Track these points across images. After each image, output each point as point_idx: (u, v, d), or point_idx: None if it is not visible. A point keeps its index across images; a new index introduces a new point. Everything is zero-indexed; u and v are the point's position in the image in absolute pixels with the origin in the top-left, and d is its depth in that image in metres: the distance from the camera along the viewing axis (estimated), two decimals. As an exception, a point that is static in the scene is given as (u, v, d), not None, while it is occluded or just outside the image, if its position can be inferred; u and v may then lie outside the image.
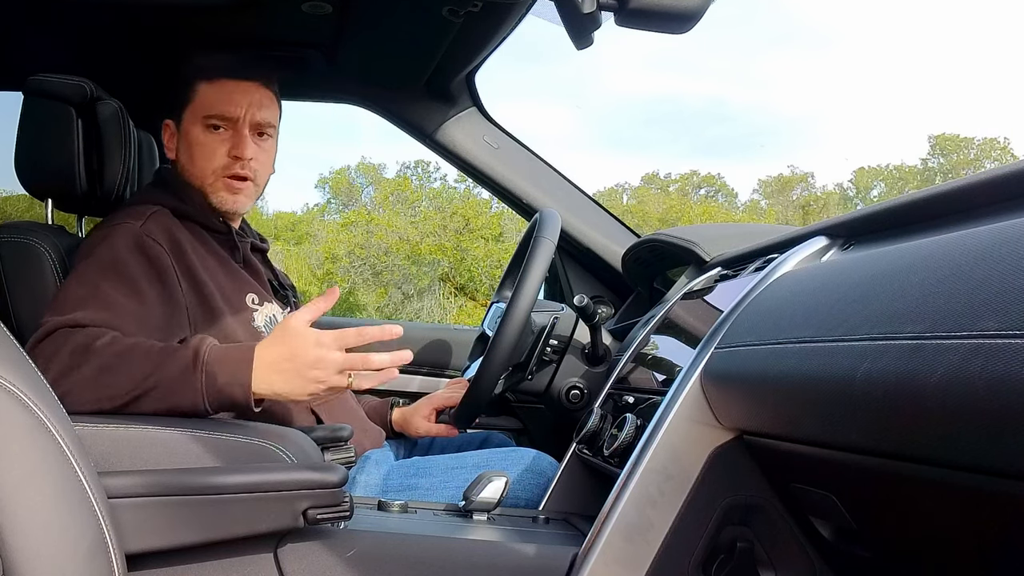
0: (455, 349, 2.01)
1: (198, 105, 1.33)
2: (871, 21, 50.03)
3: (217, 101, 1.32)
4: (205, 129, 1.33)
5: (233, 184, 1.34)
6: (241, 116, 1.33)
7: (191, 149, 1.34)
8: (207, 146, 1.33)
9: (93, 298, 1.13)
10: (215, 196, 1.34)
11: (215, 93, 1.33)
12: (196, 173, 1.34)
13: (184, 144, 1.35)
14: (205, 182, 1.34)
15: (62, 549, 0.75)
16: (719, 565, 0.97)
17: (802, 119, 48.65)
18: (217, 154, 1.33)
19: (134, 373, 1.05)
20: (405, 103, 1.92)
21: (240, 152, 1.32)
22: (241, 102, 1.33)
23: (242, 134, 1.33)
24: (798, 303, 0.84)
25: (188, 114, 1.34)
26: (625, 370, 1.38)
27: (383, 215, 18.43)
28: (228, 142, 1.33)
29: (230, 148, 1.33)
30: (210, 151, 1.33)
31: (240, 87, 1.34)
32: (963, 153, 24.71)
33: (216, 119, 1.32)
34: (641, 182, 26.26)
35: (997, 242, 0.59)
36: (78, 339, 1.07)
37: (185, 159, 1.35)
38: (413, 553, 1.01)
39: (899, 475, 0.68)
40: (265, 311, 1.35)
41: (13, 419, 0.74)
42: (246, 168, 1.34)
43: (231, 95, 1.33)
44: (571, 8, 0.80)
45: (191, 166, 1.34)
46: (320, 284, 16.66)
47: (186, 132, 1.34)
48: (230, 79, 1.34)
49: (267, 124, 1.36)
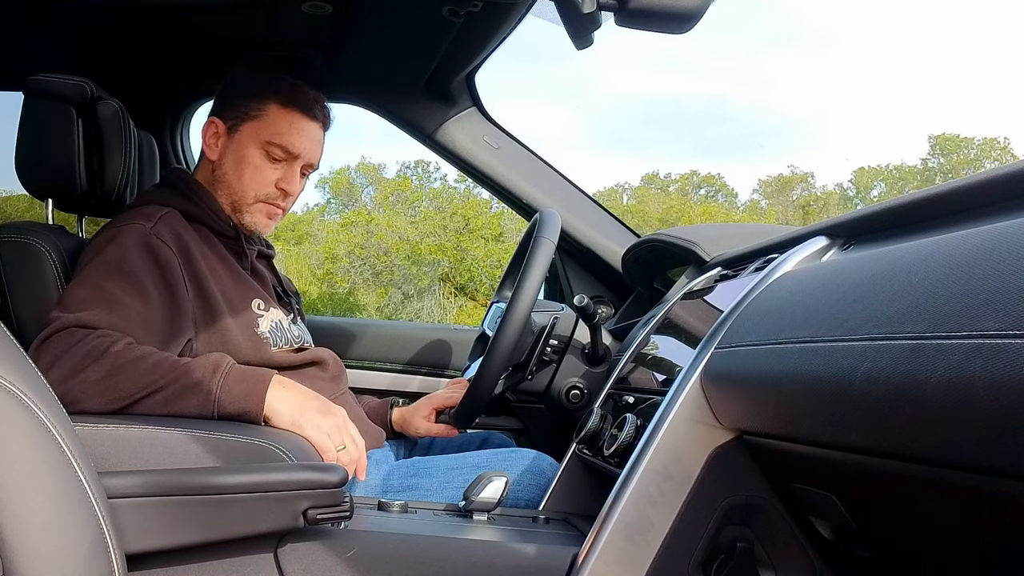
0: (455, 349, 2.01)
1: (264, 126, 1.34)
2: (871, 21, 50.04)
3: (286, 132, 1.34)
4: (264, 153, 1.34)
5: (272, 210, 1.37)
6: (303, 154, 1.36)
7: (242, 165, 1.35)
8: (260, 170, 1.35)
9: (101, 299, 1.14)
10: (250, 216, 1.36)
11: (286, 123, 1.34)
12: (239, 188, 1.35)
13: (235, 155, 1.35)
14: (244, 200, 1.35)
15: (62, 549, 0.75)
16: (719, 565, 0.97)
17: (803, 119, 48.68)
18: (267, 181, 1.35)
19: (145, 379, 1.06)
20: (405, 103, 1.92)
21: (290, 188, 1.36)
22: (306, 141, 1.36)
23: (295, 170, 1.37)
24: (798, 303, 0.84)
25: (250, 128, 1.35)
26: (625, 370, 1.38)
27: (383, 215, 18.43)
28: (280, 172, 1.35)
29: (279, 180, 1.35)
30: (261, 176, 1.35)
31: (308, 126, 1.36)
32: (963, 153, 24.71)
33: (280, 150, 1.34)
34: (641, 182, 26.26)
35: (997, 242, 0.59)
36: (91, 341, 1.07)
37: (231, 171, 1.35)
38: (413, 553, 1.01)
39: (899, 475, 0.68)
40: (270, 317, 1.35)
41: (13, 419, 0.74)
42: (286, 201, 1.38)
43: (300, 131, 1.35)
44: (571, 8, 0.80)
45: (236, 180, 1.35)
46: (320, 284, 16.66)
47: (241, 144, 1.35)
48: (304, 114, 1.35)
49: (314, 166, 1.40)
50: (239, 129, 1.35)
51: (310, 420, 1.10)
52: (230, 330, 1.26)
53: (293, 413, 1.10)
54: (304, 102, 1.36)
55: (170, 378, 1.07)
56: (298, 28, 1.63)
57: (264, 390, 1.09)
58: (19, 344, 0.81)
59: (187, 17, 1.60)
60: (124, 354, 1.07)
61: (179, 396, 1.07)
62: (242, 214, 1.36)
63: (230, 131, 1.36)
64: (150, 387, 1.06)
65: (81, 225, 1.50)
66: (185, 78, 1.95)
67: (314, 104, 1.37)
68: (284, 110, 1.34)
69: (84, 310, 1.11)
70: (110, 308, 1.13)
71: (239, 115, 1.35)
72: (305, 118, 1.36)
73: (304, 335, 1.47)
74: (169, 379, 1.07)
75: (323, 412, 1.12)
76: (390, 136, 29.91)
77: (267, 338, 1.32)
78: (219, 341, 1.24)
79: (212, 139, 1.37)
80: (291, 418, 1.10)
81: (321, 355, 1.41)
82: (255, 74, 1.39)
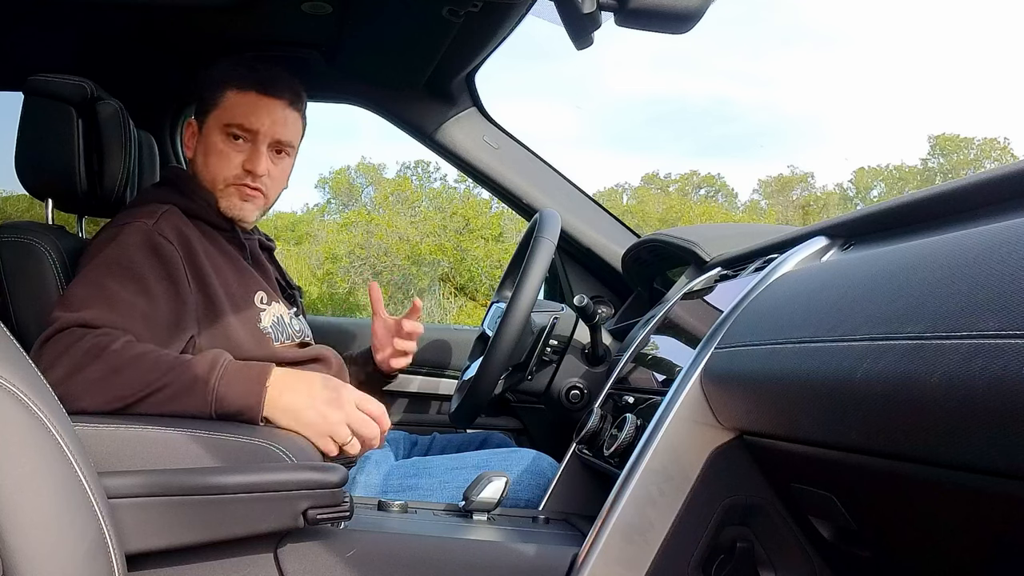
0: (455, 349, 2.01)
1: (223, 112, 1.34)
2: (871, 21, 50.03)
3: (241, 112, 1.34)
4: (225, 137, 1.34)
5: (244, 191, 1.36)
6: (262, 131, 1.34)
7: (208, 153, 1.35)
8: (223, 153, 1.34)
9: (103, 297, 1.14)
10: (224, 200, 1.36)
11: (241, 104, 1.34)
12: (208, 177, 1.35)
13: (202, 147, 1.36)
14: (216, 187, 1.35)
15: (62, 549, 0.75)
16: (719, 565, 0.97)
17: (804, 119, 48.64)
18: (232, 163, 1.34)
19: (145, 377, 1.06)
20: (405, 103, 1.92)
21: (253, 167, 1.34)
22: (264, 118, 1.34)
23: (259, 149, 1.34)
24: (798, 303, 0.84)
25: (212, 118, 1.35)
26: (625, 370, 1.38)
27: (383, 215, 18.44)
28: (244, 154, 1.34)
29: (245, 160, 1.34)
30: (225, 159, 1.34)
31: (266, 102, 1.35)
32: (963, 153, 24.72)
33: (237, 129, 1.34)
34: (641, 182, 26.27)
35: (997, 242, 0.59)
36: (90, 340, 1.07)
37: (201, 161, 1.36)
38: (413, 553, 1.01)
39: (899, 475, 0.68)
40: (272, 311, 1.36)
41: (13, 419, 0.74)
42: (257, 182, 1.36)
43: (256, 108, 1.34)
44: (571, 8, 0.80)
45: (205, 169, 1.36)
46: (320, 284, 16.67)
47: (206, 135, 1.36)
48: (259, 93, 1.35)
49: (286, 143, 1.38)
50: (205, 122, 1.37)
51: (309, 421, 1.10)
52: (232, 325, 1.26)
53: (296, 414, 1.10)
54: (260, 80, 1.35)
55: (169, 377, 1.07)
56: (298, 28, 1.63)
57: (262, 388, 1.09)
58: (19, 344, 0.81)
59: (187, 17, 1.60)
60: (123, 353, 1.08)
61: (178, 395, 1.07)
62: (219, 202, 1.36)
63: (200, 127, 1.38)
64: (149, 387, 1.06)
65: (81, 225, 1.50)
66: (185, 78, 1.95)
67: (274, 81, 1.36)
68: (240, 92, 1.34)
69: (85, 309, 1.11)
70: (111, 306, 1.13)
71: (204, 109, 1.37)
72: (263, 96, 1.35)
73: (305, 329, 1.47)
74: (168, 378, 1.07)
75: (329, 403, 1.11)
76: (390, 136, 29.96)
77: (269, 333, 1.32)
78: (222, 337, 1.25)
79: (190, 140, 1.40)
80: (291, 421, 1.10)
81: (324, 352, 1.41)
82: (217, 68, 1.39)
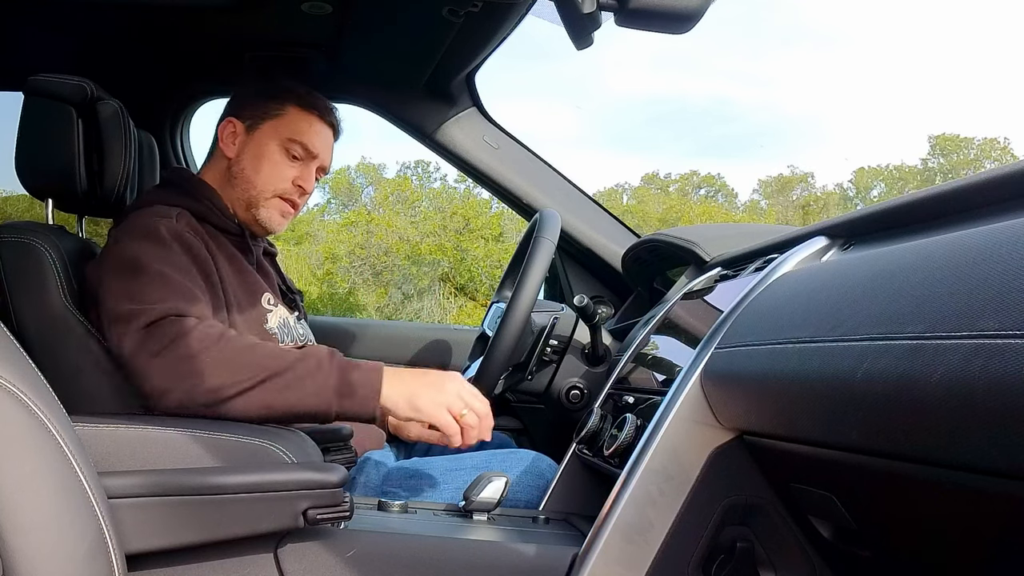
0: (455, 349, 2.01)
1: (287, 125, 1.37)
2: (871, 21, 50.05)
3: (308, 132, 1.38)
4: (283, 149, 1.37)
5: (287, 207, 1.40)
6: (319, 155, 1.40)
7: (261, 160, 1.37)
8: (279, 166, 1.37)
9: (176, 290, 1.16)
10: (266, 211, 1.38)
11: (306, 123, 1.38)
12: (257, 183, 1.37)
13: (254, 151, 1.37)
14: (261, 195, 1.37)
15: (62, 549, 0.75)
16: (719, 565, 0.97)
17: (804, 119, 48.61)
18: (285, 177, 1.37)
19: (265, 361, 1.08)
20: (405, 103, 1.92)
21: (306, 185, 1.39)
22: (324, 143, 1.41)
23: (311, 170, 1.40)
24: (798, 303, 0.84)
25: (270, 126, 1.37)
26: (625, 370, 1.38)
27: (383, 215, 18.43)
28: (297, 171, 1.38)
29: (297, 177, 1.38)
30: (280, 172, 1.37)
31: (324, 129, 1.41)
32: (963, 153, 24.71)
33: (300, 147, 1.37)
34: (641, 182, 26.26)
35: (997, 242, 0.59)
36: (201, 327, 1.10)
37: (250, 166, 1.37)
38: (413, 553, 1.01)
39: (899, 475, 0.68)
40: (278, 314, 1.37)
41: (13, 419, 0.74)
42: (301, 199, 1.41)
43: (318, 132, 1.39)
44: (571, 8, 0.81)
45: (254, 175, 1.37)
46: (320, 284, 16.66)
47: (260, 142, 1.37)
48: (320, 118, 1.40)
49: (326, 171, 1.44)
50: (259, 127, 1.38)
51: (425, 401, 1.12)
52: (239, 325, 1.27)
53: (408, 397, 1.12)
54: (322, 106, 1.41)
55: (288, 362, 1.09)
56: (298, 28, 1.63)
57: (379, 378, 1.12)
58: (19, 344, 0.81)
59: (187, 17, 1.60)
60: (237, 340, 1.11)
61: (301, 379, 1.08)
62: (257, 209, 1.37)
63: (248, 129, 1.38)
64: (269, 372, 1.07)
65: (81, 225, 1.50)
66: (185, 78, 1.95)
67: (330, 111, 1.43)
68: (303, 111, 1.39)
69: (170, 302, 1.13)
70: (191, 300, 1.16)
71: (258, 114, 1.38)
72: (322, 121, 1.40)
73: (308, 333, 1.48)
74: (287, 363, 1.09)
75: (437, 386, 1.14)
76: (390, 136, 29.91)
77: (275, 334, 1.33)
78: None
79: (231, 139, 1.39)
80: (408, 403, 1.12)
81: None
82: (271, 77, 1.45)
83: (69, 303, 1.23)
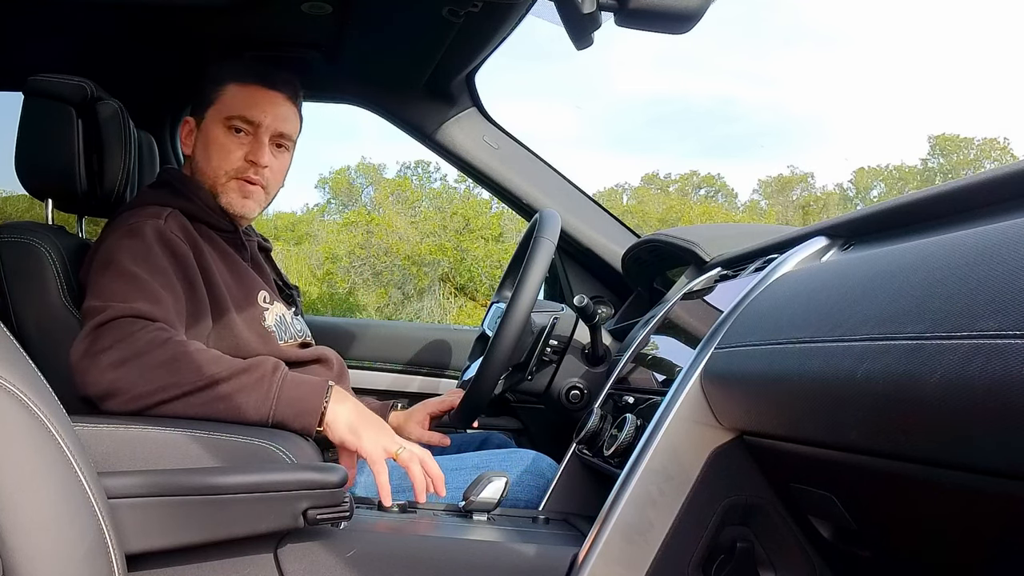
0: (455, 349, 2.01)
1: (223, 105, 1.34)
2: (870, 21, 50.04)
3: (244, 104, 1.34)
4: (226, 130, 1.34)
5: (245, 186, 1.35)
6: (264, 123, 1.34)
7: (208, 147, 1.35)
8: (225, 146, 1.34)
9: (143, 292, 1.15)
10: (225, 196, 1.35)
11: (243, 96, 1.34)
12: (209, 171, 1.35)
13: (202, 142, 1.36)
14: (217, 181, 1.35)
15: (62, 549, 0.75)
16: (719, 565, 0.97)
17: (808, 119, 48.54)
18: (234, 155, 1.34)
19: (207, 369, 1.07)
20: (405, 103, 1.92)
21: (256, 158, 1.34)
22: (267, 110, 1.34)
23: (261, 141, 1.35)
24: (798, 303, 0.84)
25: (211, 113, 1.35)
26: (625, 370, 1.38)
27: (383, 215, 18.42)
28: (247, 146, 1.34)
29: (247, 152, 1.34)
30: (227, 151, 1.34)
31: (268, 95, 1.35)
32: (963, 153, 24.70)
33: (239, 121, 1.34)
34: (641, 182, 26.23)
35: (997, 242, 0.59)
36: (152, 330, 1.09)
37: (201, 156, 1.36)
38: (413, 553, 1.01)
39: (899, 475, 0.68)
40: (274, 310, 1.37)
41: (13, 419, 0.74)
42: (259, 174, 1.36)
43: (258, 101, 1.34)
44: (571, 8, 0.81)
45: (206, 164, 1.35)
46: (320, 284, 16.66)
47: (206, 130, 1.35)
48: (261, 86, 1.35)
49: (287, 137, 1.38)
50: (203, 117, 1.36)
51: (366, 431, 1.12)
52: (238, 324, 1.27)
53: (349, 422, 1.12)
54: (261, 73, 1.36)
55: (232, 371, 1.08)
56: (298, 28, 1.63)
57: (320, 400, 1.11)
58: (19, 344, 0.81)
59: (187, 17, 1.59)
60: (185, 345, 1.09)
61: (241, 390, 1.08)
62: (219, 196, 1.35)
63: (199, 123, 1.38)
64: (211, 378, 1.07)
65: (81, 225, 1.50)
66: (185, 78, 1.94)
67: (275, 75, 1.37)
68: (240, 86, 1.35)
69: (134, 301, 1.12)
70: (154, 302, 1.14)
71: (203, 104, 1.37)
72: (263, 88, 1.35)
73: (305, 329, 1.48)
74: (230, 372, 1.08)
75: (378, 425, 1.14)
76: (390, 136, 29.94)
77: (273, 331, 1.33)
78: (229, 336, 1.26)
79: (187, 137, 1.39)
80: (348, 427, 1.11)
81: (326, 353, 1.42)
82: (216, 65, 1.40)
83: (69, 303, 1.23)
